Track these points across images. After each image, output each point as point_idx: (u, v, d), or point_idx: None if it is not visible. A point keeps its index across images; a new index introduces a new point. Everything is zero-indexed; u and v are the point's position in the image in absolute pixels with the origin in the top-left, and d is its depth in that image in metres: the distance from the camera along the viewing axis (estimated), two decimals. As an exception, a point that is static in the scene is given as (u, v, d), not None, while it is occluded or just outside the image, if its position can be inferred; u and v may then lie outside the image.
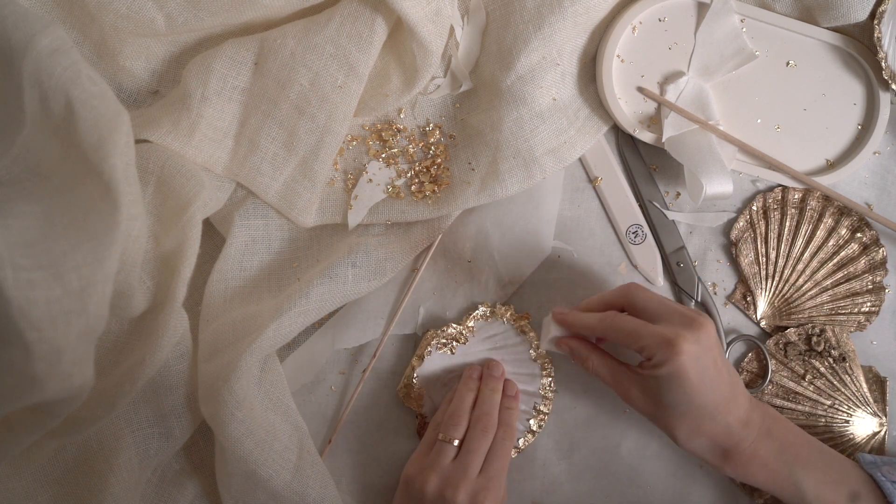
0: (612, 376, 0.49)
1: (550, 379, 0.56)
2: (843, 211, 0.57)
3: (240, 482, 0.50)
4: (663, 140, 0.55)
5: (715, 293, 0.58)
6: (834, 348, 0.56)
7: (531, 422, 0.56)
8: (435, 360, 0.56)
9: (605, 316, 0.48)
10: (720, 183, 0.53)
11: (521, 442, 0.56)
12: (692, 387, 0.44)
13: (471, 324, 0.56)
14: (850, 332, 0.57)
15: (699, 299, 0.57)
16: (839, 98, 0.57)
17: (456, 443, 0.50)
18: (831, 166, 0.58)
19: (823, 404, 0.56)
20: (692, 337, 0.44)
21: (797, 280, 0.57)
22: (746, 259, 0.58)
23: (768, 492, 0.48)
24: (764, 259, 0.58)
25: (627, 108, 0.56)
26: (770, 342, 0.57)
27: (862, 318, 0.57)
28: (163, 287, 0.48)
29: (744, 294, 0.58)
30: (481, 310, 0.56)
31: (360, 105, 0.55)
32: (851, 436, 0.56)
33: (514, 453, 0.56)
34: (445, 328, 0.56)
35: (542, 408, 0.56)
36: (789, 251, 0.58)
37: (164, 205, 0.50)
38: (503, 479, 0.50)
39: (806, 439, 0.49)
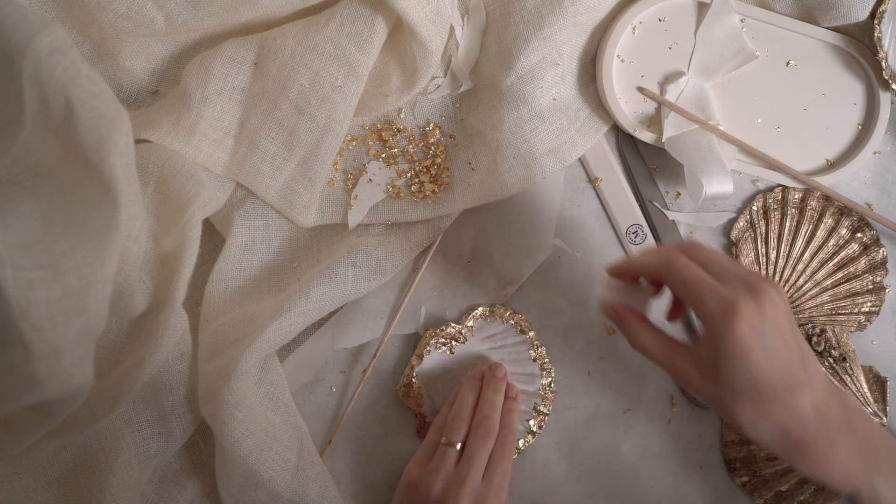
0: (665, 355, 0.43)
1: (550, 379, 0.56)
2: (844, 211, 0.57)
3: (239, 482, 0.50)
4: (663, 140, 0.55)
5: (715, 293, 0.58)
6: (834, 348, 0.56)
7: (531, 422, 0.56)
8: (434, 360, 0.56)
9: (666, 256, 0.41)
10: (720, 183, 0.53)
11: (521, 442, 0.56)
12: (756, 362, 0.38)
13: (470, 323, 0.56)
14: (851, 332, 0.57)
15: (699, 299, 0.57)
16: (839, 98, 0.57)
17: (458, 446, 0.50)
18: (831, 166, 0.58)
19: (823, 404, 0.56)
20: (755, 306, 0.38)
21: (797, 280, 0.57)
22: (747, 259, 0.58)
23: (838, 492, 0.41)
24: (764, 259, 0.58)
25: (627, 108, 0.56)
26: (770, 342, 0.57)
27: (862, 318, 0.57)
28: (163, 287, 0.48)
29: (744, 294, 0.58)
30: (481, 309, 0.56)
31: (360, 105, 0.55)
32: (851, 436, 0.56)
33: (513, 454, 0.56)
34: (444, 327, 0.56)
35: (542, 408, 0.56)
36: (789, 251, 0.58)
37: (164, 205, 0.50)
38: (506, 486, 0.50)
39: (886, 437, 0.43)
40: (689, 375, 0.41)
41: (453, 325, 0.56)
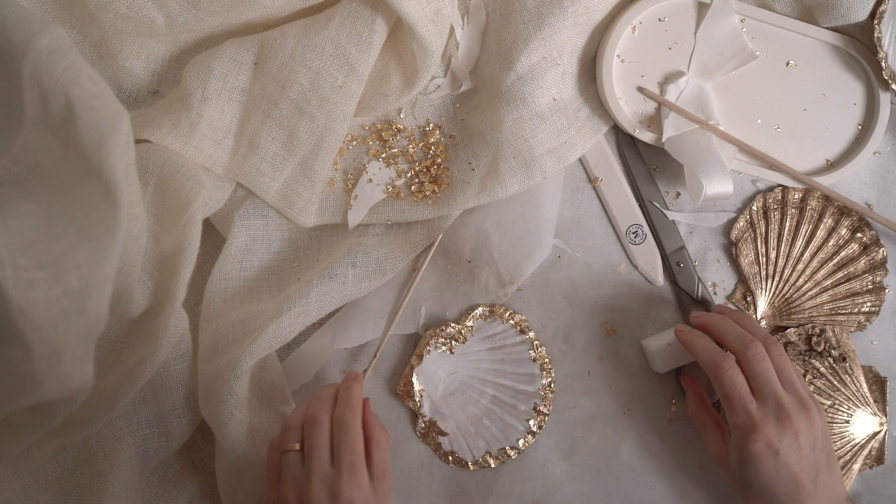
0: (703, 431, 0.52)
1: (550, 379, 0.56)
2: (844, 211, 0.58)
3: (239, 482, 0.50)
4: (663, 140, 0.55)
5: (715, 293, 0.58)
6: (834, 348, 0.56)
7: (531, 422, 0.56)
8: (434, 360, 0.56)
9: (717, 363, 0.48)
10: (720, 183, 0.53)
11: (520, 442, 0.56)
12: (765, 474, 0.46)
13: (470, 323, 0.56)
14: (851, 332, 0.57)
15: (699, 299, 0.57)
16: (839, 98, 0.57)
17: (297, 446, 0.45)
18: (831, 166, 0.58)
19: (823, 404, 0.56)
20: (776, 431, 0.45)
21: (797, 280, 0.57)
22: (746, 259, 0.58)
23: None
24: (764, 259, 0.58)
25: (627, 108, 0.56)
26: (770, 342, 0.57)
27: (862, 318, 0.57)
28: (163, 287, 0.48)
29: (744, 294, 0.58)
30: (480, 309, 0.56)
31: (360, 105, 0.55)
32: (851, 436, 0.56)
33: (512, 453, 0.56)
34: (444, 327, 0.56)
35: (542, 408, 0.56)
36: (789, 251, 0.58)
37: (164, 205, 0.50)
38: (358, 462, 0.43)
39: None
40: (717, 456, 0.50)
41: (453, 325, 0.56)
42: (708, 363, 0.48)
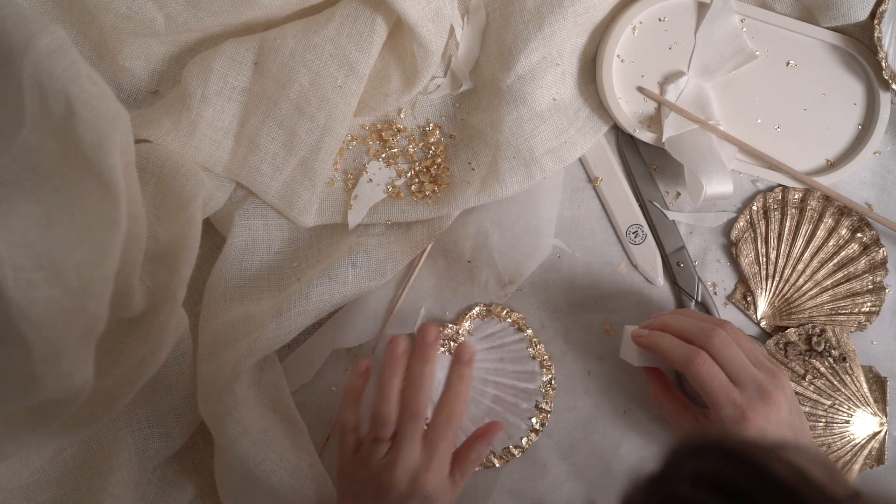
0: (675, 418, 0.52)
1: (551, 376, 0.56)
2: (844, 211, 0.57)
3: (237, 481, 0.50)
4: (663, 140, 0.55)
5: (715, 293, 0.58)
6: (834, 348, 0.56)
7: (533, 420, 0.56)
8: (435, 360, 0.56)
9: (689, 356, 0.46)
10: (720, 183, 0.53)
11: (523, 441, 0.56)
12: None
13: (467, 324, 0.56)
14: (851, 332, 0.57)
15: (699, 299, 0.57)
16: (839, 98, 0.57)
17: (389, 437, 0.45)
18: (831, 166, 0.58)
19: (823, 404, 0.56)
20: (763, 412, 0.45)
21: (797, 280, 0.57)
22: (746, 259, 0.58)
23: None
24: (764, 259, 0.58)
25: (627, 108, 0.56)
26: (770, 342, 0.57)
27: (862, 318, 0.57)
28: (163, 287, 0.48)
29: (744, 294, 0.58)
30: (478, 309, 0.56)
31: (360, 105, 0.55)
32: (851, 436, 0.56)
33: (516, 452, 0.56)
34: (443, 328, 0.56)
35: (543, 405, 0.56)
36: (789, 251, 0.58)
37: (164, 205, 0.50)
38: (448, 458, 0.45)
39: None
40: None
41: (451, 325, 0.56)
42: (680, 360, 0.47)
